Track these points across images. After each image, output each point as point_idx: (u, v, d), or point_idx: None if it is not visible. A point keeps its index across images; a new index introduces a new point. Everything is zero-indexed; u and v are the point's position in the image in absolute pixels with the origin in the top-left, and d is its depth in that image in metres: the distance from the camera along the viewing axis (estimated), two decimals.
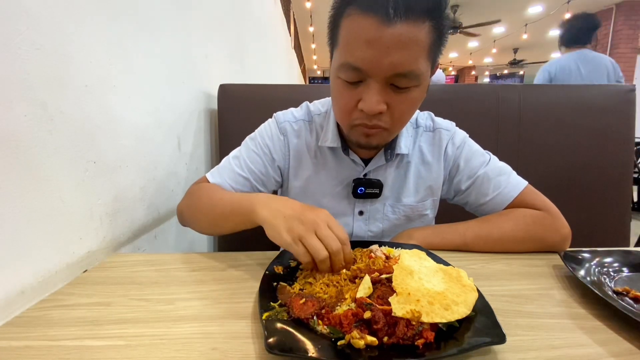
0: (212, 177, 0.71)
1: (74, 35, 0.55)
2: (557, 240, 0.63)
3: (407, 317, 0.35)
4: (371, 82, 0.53)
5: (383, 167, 0.71)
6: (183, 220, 0.72)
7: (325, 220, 0.49)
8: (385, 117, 0.57)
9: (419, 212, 0.74)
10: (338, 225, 0.49)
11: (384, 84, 0.54)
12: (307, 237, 0.47)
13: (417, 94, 0.56)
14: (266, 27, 2.79)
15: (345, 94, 0.57)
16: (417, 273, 0.42)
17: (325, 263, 0.46)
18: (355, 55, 0.52)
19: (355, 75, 0.54)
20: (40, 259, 0.50)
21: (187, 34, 1.01)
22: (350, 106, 0.57)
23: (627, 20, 6.02)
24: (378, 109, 0.54)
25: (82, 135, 0.57)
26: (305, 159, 0.74)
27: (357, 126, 0.59)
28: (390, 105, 0.55)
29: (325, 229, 0.48)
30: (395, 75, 0.52)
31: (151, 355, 0.35)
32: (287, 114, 0.75)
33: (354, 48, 0.52)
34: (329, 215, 0.50)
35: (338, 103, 0.60)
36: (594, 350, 0.36)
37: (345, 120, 0.61)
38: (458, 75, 14.24)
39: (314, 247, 0.46)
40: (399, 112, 0.57)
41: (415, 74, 0.53)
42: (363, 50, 0.51)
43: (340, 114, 0.61)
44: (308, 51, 10.44)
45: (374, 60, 0.51)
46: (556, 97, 1.11)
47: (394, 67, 0.51)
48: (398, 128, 0.62)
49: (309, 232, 0.47)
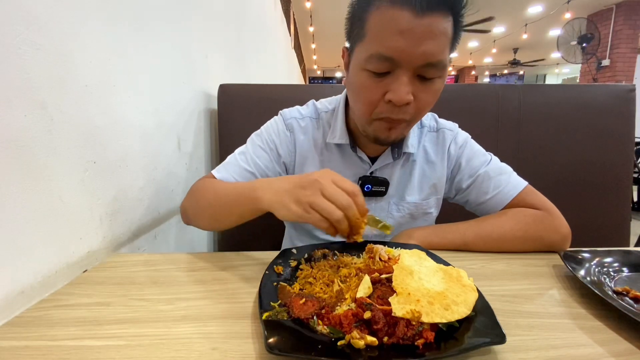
0: (217, 173, 0.71)
1: (74, 35, 0.55)
2: (557, 240, 0.64)
3: (407, 317, 0.35)
4: (400, 72, 0.54)
5: (389, 165, 0.72)
6: (187, 218, 0.71)
7: (329, 177, 0.48)
8: (410, 109, 0.57)
9: (423, 210, 0.75)
10: (343, 179, 0.48)
11: (412, 74, 0.55)
12: (315, 200, 0.45)
13: (440, 85, 0.58)
14: (266, 27, 2.79)
15: (371, 86, 0.57)
16: (417, 273, 0.42)
17: (342, 223, 0.45)
18: (387, 46, 0.53)
19: (385, 66, 0.55)
20: (40, 259, 0.50)
21: (187, 34, 1.01)
22: (376, 98, 0.58)
23: (627, 20, 6.03)
24: (407, 99, 0.55)
25: (82, 135, 0.57)
26: (312, 155, 0.74)
27: (379, 120, 0.59)
28: (416, 96, 0.56)
29: (331, 185, 0.46)
30: (425, 65, 0.53)
31: (151, 355, 0.35)
32: (293, 111, 0.76)
33: (386, 38, 0.53)
34: (331, 172, 0.49)
35: (363, 95, 0.60)
36: (594, 350, 0.36)
37: (366, 115, 0.60)
38: (458, 75, 14.24)
39: (326, 209, 0.45)
40: (424, 103, 0.58)
41: (443, 64, 0.55)
42: (396, 40, 0.52)
43: (363, 108, 0.61)
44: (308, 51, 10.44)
45: (407, 50, 0.52)
46: (556, 97, 1.11)
47: (426, 57, 0.53)
48: (417, 119, 0.63)
49: (315, 195, 0.46)
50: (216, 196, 0.63)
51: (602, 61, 6.25)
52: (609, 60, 6.20)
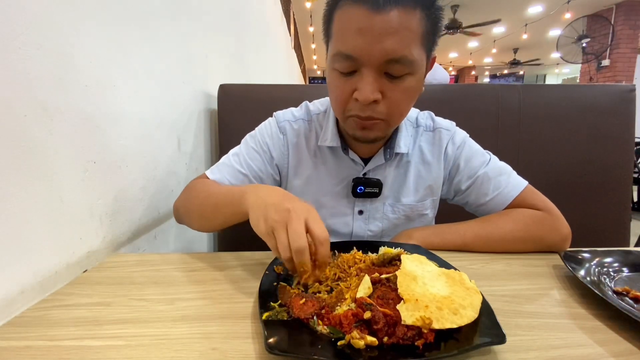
0: (211, 174, 0.71)
1: (74, 35, 0.55)
2: (557, 240, 0.64)
3: (418, 324, 0.34)
4: (365, 71, 0.54)
5: (382, 166, 0.71)
6: (179, 216, 0.71)
7: (303, 213, 0.44)
8: (380, 107, 0.57)
9: (419, 212, 0.74)
10: (317, 221, 0.44)
11: (378, 72, 0.54)
12: (277, 228, 0.43)
13: (412, 83, 0.56)
14: (266, 27, 2.79)
15: (340, 84, 0.57)
16: (421, 278, 0.41)
17: (289, 263, 0.43)
18: (347, 44, 0.53)
19: (349, 65, 0.55)
20: (40, 259, 0.50)
21: (187, 34, 1.01)
22: (345, 96, 0.58)
23: (627, 20, 6.02)
24: (372, 97, 0.54)
25: (82, 135, 0.57)
26: (305, 157, 0.74)
27: (351, 117, 0.59)
28: (385, 94, 0.56)
29: (297, 223, 0.43)
30: (387, 61, 0.53)
31: (151, 355, 0.35)
32: (286, 113, 0.76)
33: (346, 37, 0.53)
34: (310, 208, 0.46)
35: (333, 94, 0.60)
36: (594, 350, 0.36)
37: (340, 112, 0.61)
38: (458, 75, 14.24)
39: (282, 242, 0.43)
40: (394, 101, 0.57)
41: (409, 60, 0.53)
42: (355, 39, 0.52)
43: (335, 105, 0.62)
44: (308, 51, 10.44)
45: (366, 48, 0.52)
46: (556, 97, 1.11)
47: (386, 54, 0.52)
48: (396, 119, 0.61)
49: (279, 224, 0.43)
50: (208, 196, 0.63)
51: (602, 61, 6.25)
52: (609, 60, 6.20)
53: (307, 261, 0.42)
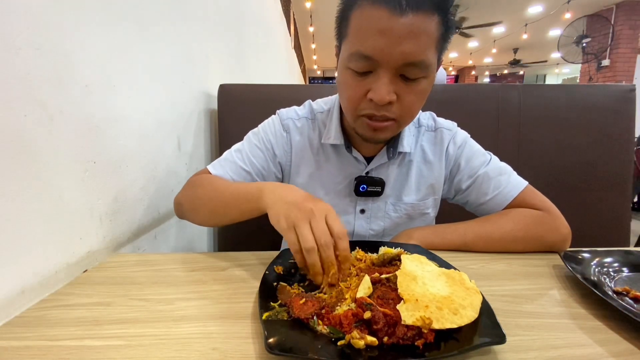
0: (213, 169, 0.71)
1: (74, 35, 0.55)
2: (557, 240, 0.64)
3: (418, 324, 0.34)
4: (381, 71, 0.54)
5: (385, 165, 0.71)
6: (181, 211, 0.70)
7: (324, 212, 0.47)
8: (394, 108, 0.57)
9: (421, 211, 0.74)
10: (336, 219, 0.48)
11: (394, 74, 0.54)
12: (300, 224, 0.46)
13: (426, 86, 0.57)
14: (266, 27, 2.79)
15: (353, 84, 0.57)
16: (421, 278, 0.41)
17: (311, 255, 0.45)
18: (366, 44, 0.53)
19: (365, 65, 0.55)
20: (40, 259, 0.50)
21: (187, 34, 1.01)
22: (359, 96, 0.57)
23: (627, 20, 6.02)
24: (388, 98, 0.55)
25: (82, 135, 0.57)
26: (308, 156, 0.74)
27: (363, 117, 0.59)
28: (399, 95, 0.56)
29: (320, 220, 0.46)
30: (405, 64, 0.53)
31: (151, 355, 0.35)
32: (290, 111, 0.76)
33: (365, 37, 0.53)
34: (330, 208, 0.49)
35: (346, 93, 0.60)
36: (594, 350, 0.36)
37: (352, 111, 0.60)
38: (458, 75, 14.23)
39: (304, 235, 0.45)
40: (408, 102, 0.57)
41: (425, 64, 0.54)
42: (375, 39, 0.52)
43: (347, 104, 0.61)
44: (308, 51, 10.44)
45: (386, 49, 0.52)
46: (556, 97, 1.11)
47: (405, 57, 0.52)
48: (407, 120, 0.62)
49: (303, 221, 0.46)
50: (217, 192, 0.63)
51: (602, 61, 6.25)
52: (609, 60, 6.20)
53: (332, 255, 0.45)
